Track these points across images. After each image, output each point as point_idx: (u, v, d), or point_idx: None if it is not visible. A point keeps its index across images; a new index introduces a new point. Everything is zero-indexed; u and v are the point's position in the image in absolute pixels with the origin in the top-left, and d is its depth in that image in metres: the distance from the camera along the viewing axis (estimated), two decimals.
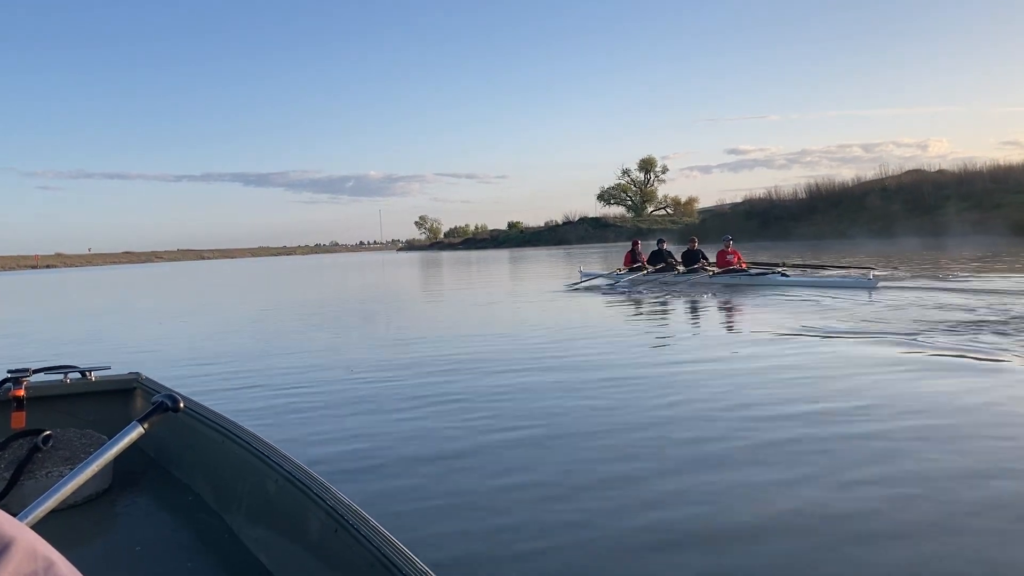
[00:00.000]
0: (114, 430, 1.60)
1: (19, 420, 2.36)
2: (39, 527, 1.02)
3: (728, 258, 14.86)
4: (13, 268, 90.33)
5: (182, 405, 1.59)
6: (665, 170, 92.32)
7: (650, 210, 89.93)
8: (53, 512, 1.36)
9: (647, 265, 16.24)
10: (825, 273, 14.26)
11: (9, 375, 2.47)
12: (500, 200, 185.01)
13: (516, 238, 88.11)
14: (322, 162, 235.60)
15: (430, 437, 4.21)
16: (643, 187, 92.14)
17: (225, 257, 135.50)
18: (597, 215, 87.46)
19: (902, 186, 40.62)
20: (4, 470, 2.06)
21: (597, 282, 15.90)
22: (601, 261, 27.23)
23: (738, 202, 56.23)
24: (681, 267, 15.64)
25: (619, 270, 16.70)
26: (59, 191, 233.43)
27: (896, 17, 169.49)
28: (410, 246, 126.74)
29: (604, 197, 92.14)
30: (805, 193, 46.44)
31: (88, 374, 2.76)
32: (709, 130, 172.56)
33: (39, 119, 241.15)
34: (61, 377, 2.72)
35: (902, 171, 43.83)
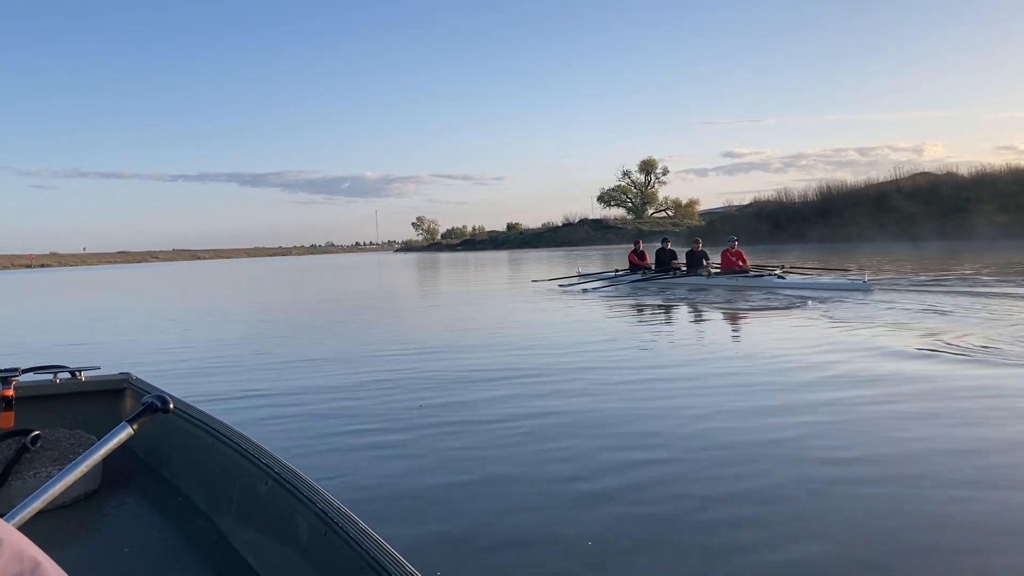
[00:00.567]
0: (103, 431, 1.58)
1: (7, 420, 2.34)
2: (26, 528, 1.00)
3: (732, 259, 14.94)
4: (8, 267, 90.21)
5: (172, 406, 1.57)
6: (666, 171, 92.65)
7: (651, 212, 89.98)
8: (41, 513, 1.34)
9: (649, 265, 16.44)
10: (822, 276, 14.43)
11: None
12: (496, 202, 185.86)
13: (515, 239, 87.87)
14: (318, 162, 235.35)
15: (420, 439, 4.19)
16: (644, 189, 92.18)
17: (220, 257, 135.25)
18: (597, 217, 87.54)
19: (918, 188, 39.39)
20: None
21: (596, 283, 15.94)
22: (603, 263, 27.20)
23: (745, 204, 56.06)
24: (684, 267, 15.76)
25: (618, 270, 16.82)
26: (54, 190, 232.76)
27: (892, 22, 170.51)
28: (407, 247, 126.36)
29: (604, 199, 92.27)
30: (816, 195, 45.18)
31: (78, 374, 2.73)
32: (705, 133, 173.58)
33: (34, 118, 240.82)
34: (51, 377, 2.70)
35: (915, 172, 42.87)
